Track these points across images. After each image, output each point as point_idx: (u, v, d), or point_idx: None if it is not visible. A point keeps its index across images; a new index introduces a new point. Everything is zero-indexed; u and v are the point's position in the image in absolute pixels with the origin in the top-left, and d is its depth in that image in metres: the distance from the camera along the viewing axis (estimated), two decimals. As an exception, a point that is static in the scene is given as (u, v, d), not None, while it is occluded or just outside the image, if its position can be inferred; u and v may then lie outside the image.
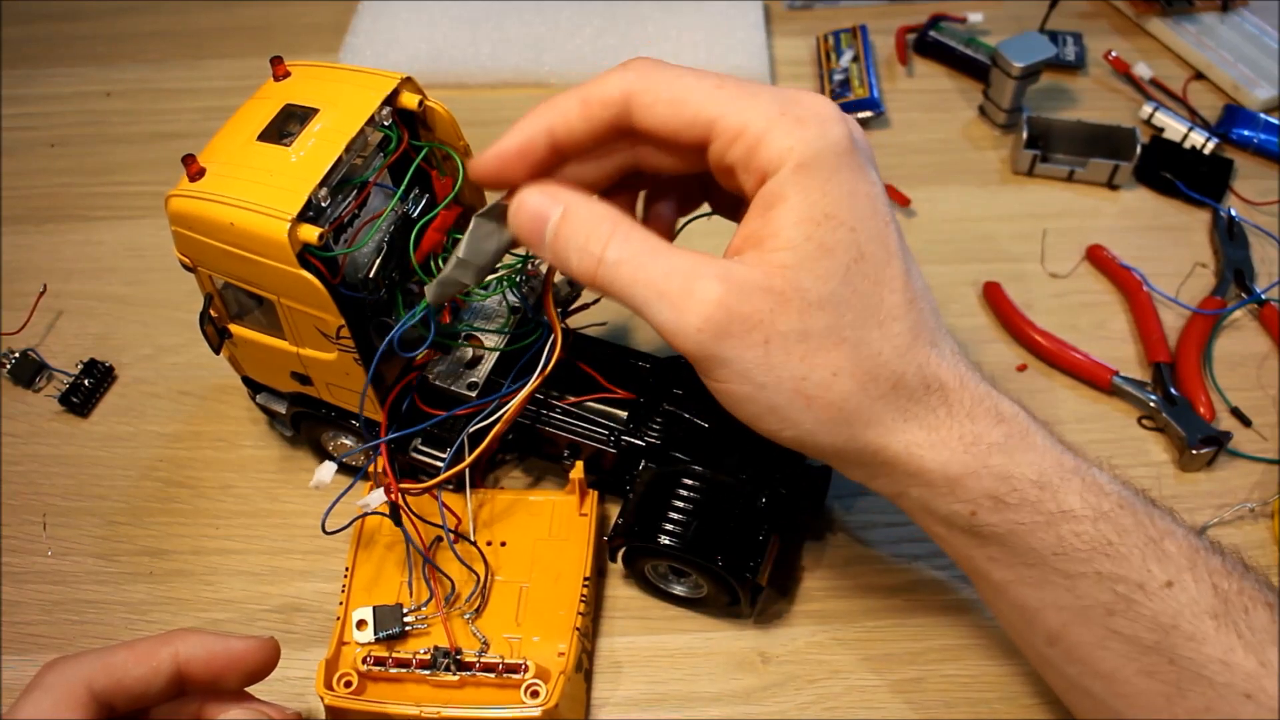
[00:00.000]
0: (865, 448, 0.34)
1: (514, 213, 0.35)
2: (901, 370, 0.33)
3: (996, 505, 0.34)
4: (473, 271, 0.38)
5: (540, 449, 0.47)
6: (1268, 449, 0.49)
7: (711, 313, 0.32)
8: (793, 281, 0.32)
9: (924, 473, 0.34)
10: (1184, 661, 0.32)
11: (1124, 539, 0.33)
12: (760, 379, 0.33)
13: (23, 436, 0.51)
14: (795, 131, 0.32)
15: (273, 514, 0.48)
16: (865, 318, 0.33)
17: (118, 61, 0.71)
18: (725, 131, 0.33)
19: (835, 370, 0.33)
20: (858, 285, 0.33)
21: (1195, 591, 0.32)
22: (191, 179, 0.37)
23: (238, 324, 0.42)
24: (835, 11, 0.73)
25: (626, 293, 0.34)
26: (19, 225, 0.61)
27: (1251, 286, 0.55)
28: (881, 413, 0.33)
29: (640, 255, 0.33)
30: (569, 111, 0.35)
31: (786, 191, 0.32)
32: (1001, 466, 0.33)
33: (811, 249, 0.32)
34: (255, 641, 0.35)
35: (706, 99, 0.33)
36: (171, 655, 0.33)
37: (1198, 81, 0.67)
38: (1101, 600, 0.33)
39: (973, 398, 0.34)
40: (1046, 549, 0.33)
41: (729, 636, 0.44)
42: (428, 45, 0.69)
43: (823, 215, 0.32)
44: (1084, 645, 0.34)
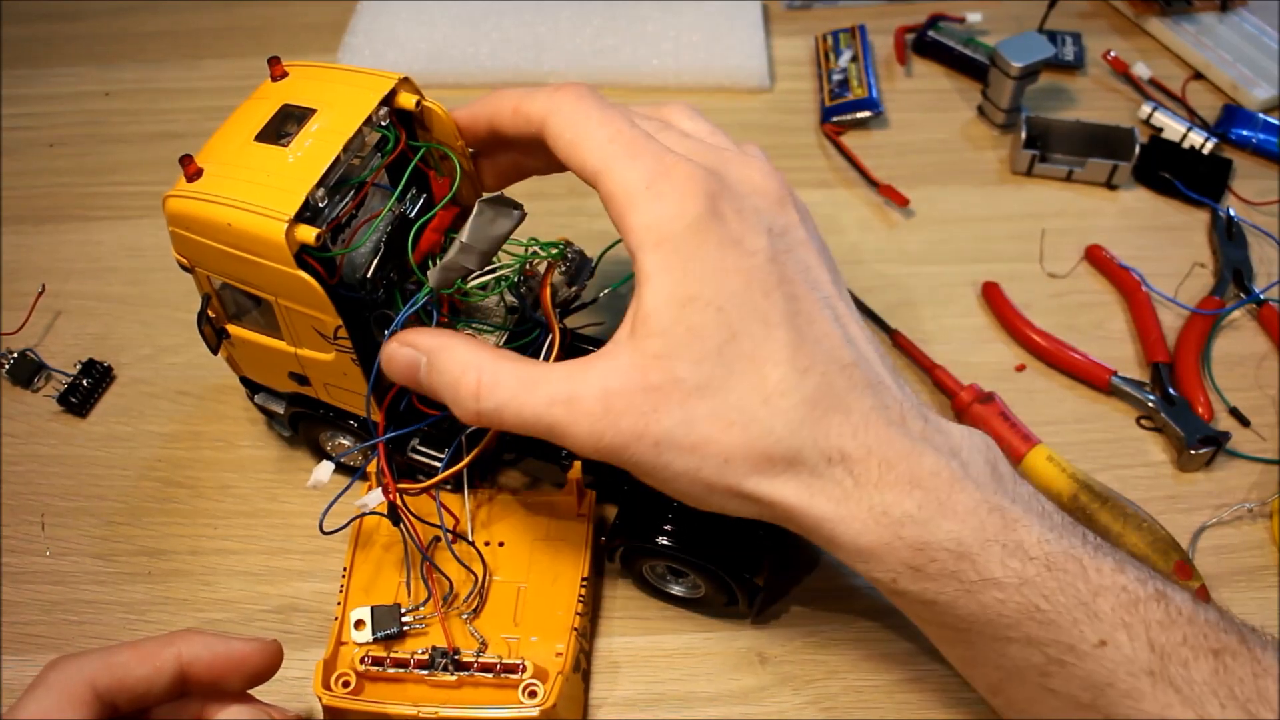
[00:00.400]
0: (777, 516, 0.34)
1: (386, 364, 0.37)
2: (797, 446, 0.33)
3: (915, 576, 0.33)
4: (476, 256, 0.39)
5: (539, 449, 0.46)
6: (1266, 449, 0.49)
7: (600, 432, 0.33)
8: (668, 371, 0.32)
9: (837, 543, 0.33)
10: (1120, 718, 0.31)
11: (1051, 602, 0.32)
12: (661, 476, 0.34)
13: (21, 436, 0.51)
14: (654, 208, 0.33)
15: (271, 514, 0.48)
16: (748, 397, 0.33)
17: (116, 61, 0.71)
18: (602, 190, 0.34)
19: (726, 457, 0.33)
20: (734, 365, 0.33)
21: (1130, 649, 0.31)
22: (189, 179, 0.37)
23: (236, 324, 0.42)
24: (834, 11, 0.73)
25: (520, 430, 0.34)
26: (18, 225, 0.61)
27: (1250, 286, 0.55)
28: (782, 491, 0.33)
29: (513, 399, 0.34)
30: (503, 111, 0.37)
31: (650, 271, 0.33)
32: (916, 538, 0.32)
33: (680, 333, 0.32)
34: (258, 643, 0.35)
35: (596, 150, 0.34)
36: (175, 655, 0.33)
37: (1197, 81, 0.67)
38: (1033, 662, 0.33)
39: (882, 465, 0.33)
40: (972, 616, 0.33)
41: (727, 637, 0.44)
42: (427, 45, 0.69)
43: (687, 297, 0.32)
44: (1022, 700, 0.34)
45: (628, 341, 0.33)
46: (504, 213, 0.39)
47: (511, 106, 0.37)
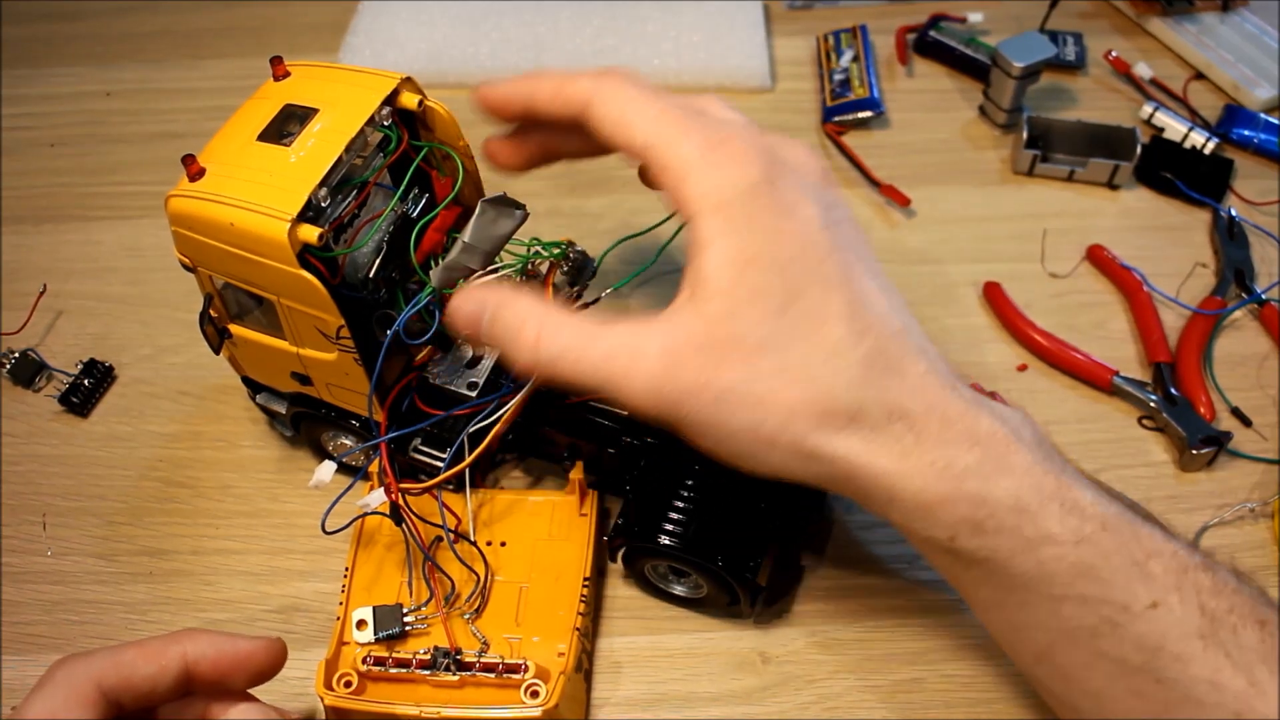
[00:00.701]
0: (838, 477, 0.34)
1: (452, 314, 0.37)
2: (859, 402, 0.33)
3: (974, 531, 0.33)
4: (478, 255, 0.39)
5: (540, 449, 0.46)
6: (1268, 449, 0.49)
7: (659, 386, 0.33)
8: (730, 331, 0.33)
9: (898, 500, 0.34)
10: (1171, 682, 0.32)
11: (1107, 562, 0.32)
12: (718, 434, 0.34)
13: (22, 436, 0.51)
14: (712, 175, 0.33)
15: (273, 514, 0.48)
16: (811, 355, 0.33)
17: (117, 61, 0.71)
18: (655, 162, 0.34)
19: (789, 412, 0.33)
20: (795, 325, 0.33)
21: (1181, 612, 0.32)
22: (191, 179, 0.37)
23: (238, 324, 0.42)
24: (835, 11, 0.73)
25: (574, 383, 0.34)
26: (18, 225, 0.61)
27: (1252, 286, 0.55)
28: (845, 447, 0.33)
29: (571, 348, 0.34)
30: (543, 91, 0.37)
31: (709, 235, 0.33)
32: (976, 492, 0.33)
33: (742, 294, 0.33)
34: (263, 642, 0.35)
35: (647, 125, 0.35)
36: (180, 654, 0.33)
37: (1198, 81, 0.67)
38: (1086, 623, 0.33)
39: (942, 421, 0.33)
40: (1027, 574, 0.33)
41: (729, 637, 0.44)
42: (427, 45, 0.69)
43: (747, 259, 0.33)
44: (1071, 665, 0.34)
45: (688, 304, 0.33)
46: (506, 213, 0.39)
47: (552, 88, 0.37)
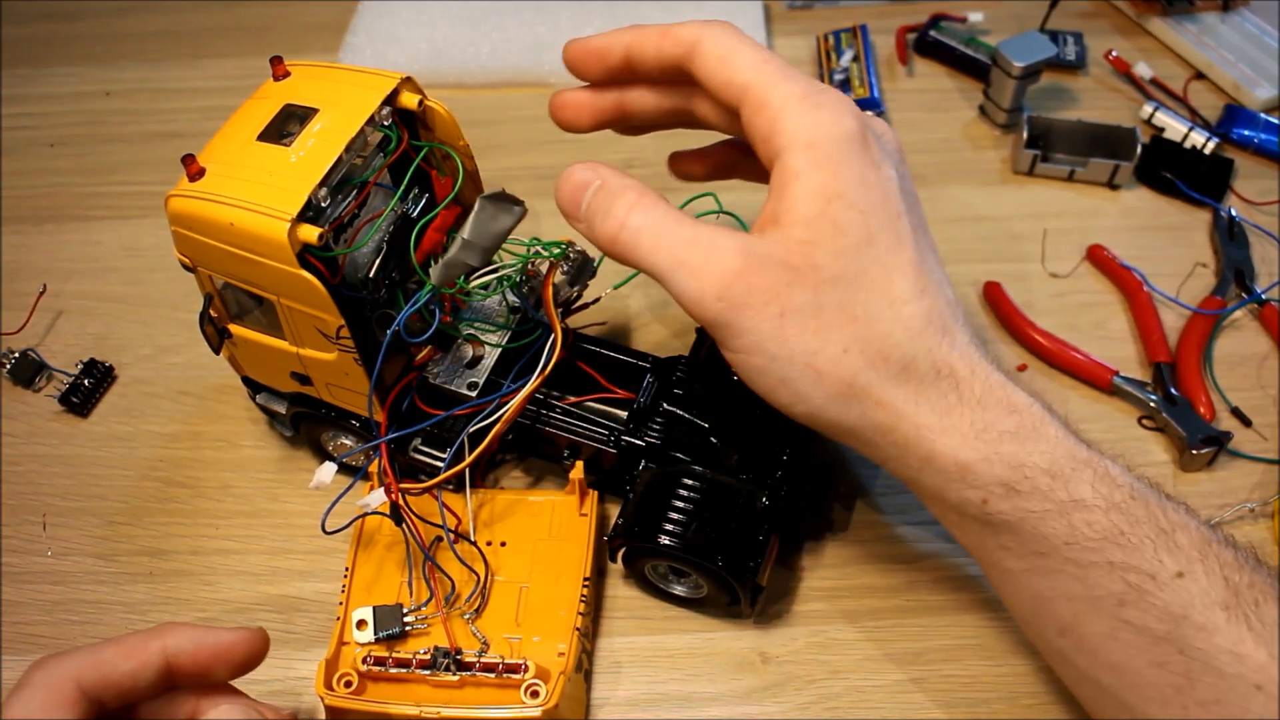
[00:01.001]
0: (876, 427, 0.35)
1: (560, 184, 0.38)
2: (912, 353, 0.34)
3: (1008, 493, 0.34)
4: (478, 253, 0.39)
5: (540, 449, 0.46)
6: (1268, 449, 0.49)
7: (730, 284, 0.34)
8: (808, 256, 0.34)
9: (935, 457, 0.34)
10: (1194, 652, 0.32)
11: (1135, 529, 0.33)
12: (774, 351, 0.34)
13: (22, 436, 0.51)
14: (810, 114, 0.34)
15: (272, 514, 0.48)
16: (876, 298, 0.34)
17: (117, 61, 0.71)
18: (752, 100, 0.35)
19: (845, 347, 0.34)
20: (868, 267, 0.34)
21: (1206, 583, 0.32)
22: (191, 179, 0.37)
23: (237, 324, 0.42)
24: (835, 11, 0.73)
25: (648, 260, 0.35)
26: (18, 225, 0.61)
27: (1252, 286, 0.55)
28: (892, 394, 0.34)
29: (661, 225, 0.35)
30: (648, 36, 0.38)
31: (799, 168, 0.34)
32: (1013, 454, 0.34)
33: (825, 225, 0.34)
34: (243, 632, 0.35)
35: (748, 67, 0.36)
36: (159, 649, 0.33)
37: (1198, 81, 0.67)
38: (1113, 590, 0.33)
39: (984, 387, 0.35)
40: (1058, 538, 0.34)
41: (729, 637, 0.44)
42: (428, 45, 0.69)
43: (833, 194, 0.34)
44: (1095, 636, 0.34)
45: (770, 225, 0.35)
46: (505, 209, 0.39)
47: (658, 32, 0.38)
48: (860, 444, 0.36)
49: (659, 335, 0.54)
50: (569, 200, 0.38)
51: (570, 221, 0.38)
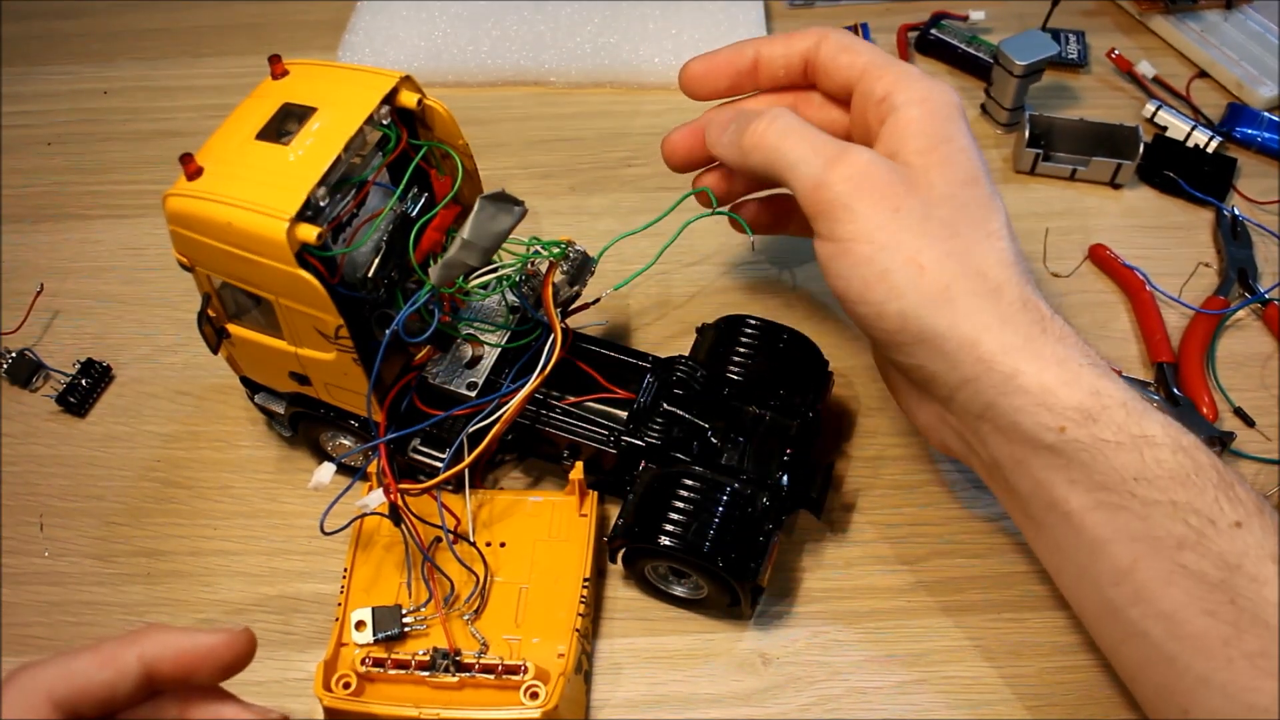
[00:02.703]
0: (962, 340, 0.36)
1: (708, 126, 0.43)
2: (1004, 280, 0.37)
3: (1085, 419, 0.35)
4: (477, 253, 0.38)
5: (540, 449, 0.46)
6: (1271, 449, 0.49)
7: (857, 170, 0.37)
8: (923, 176, 0.38)
9: (1018, 376, 0.36)
10: (1244, 602, 0.33)
11: (1200, 474, 0.34)
12: (882, 239, 0.37)
13: (19, 437, 0.51)
14: (925, 83, 0.40)
15: (271, 514, 0.48)
16: (976, 227, 0.38)
17: (115, 59, 0.71)
18: (872, 73, 0.41)
19: (948, 253, 0.37)
20: (970, 201, 0.38)
21: (1262, 535, 0.33)
22: (189, 178, 0.37)
23: (236, 324, 0.42)
24: (836, 10, 0.73)
25: (782, 151, 0.39)
26: (15, 224, 0.61)
27: (1255, 286, 0.55)
28: (981, 309, 0.36)
29: (803, 125, 0.40)
30: (774, 41, 0.44)
31: (916, 116, 0.39)
32: (1092, 383, 0.35)
33: (937, 158, 0.38)
34: (226, 634, 0.33)
35: (866, 50, 0.42)
36: (137, 656, 0.31)
37: (1201, 80, 0.66)
38: (1174, 531, 0.34)
39: (1062, 329, 0.37)
40: (1128, 471, 0.35)
41: (729, 638, 0.43)
42: (427, 43, 0.68)
43: (945, 138, 0.39)
44: (1151, 582, 0.34)
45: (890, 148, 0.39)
46: (505, 209, 0.39)
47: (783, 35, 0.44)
48: (940, 361, 0.37)
49: (659, 335, 0.53)
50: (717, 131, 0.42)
51: (715, 150, 0.42)
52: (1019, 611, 0.44)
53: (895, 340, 0.38)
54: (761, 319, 0.47)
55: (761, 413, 0.44)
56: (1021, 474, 0.37)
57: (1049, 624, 0.43)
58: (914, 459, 0.49)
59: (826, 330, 0.53)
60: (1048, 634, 0.43)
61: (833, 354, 0.48)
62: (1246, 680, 0.32)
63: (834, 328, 0.53)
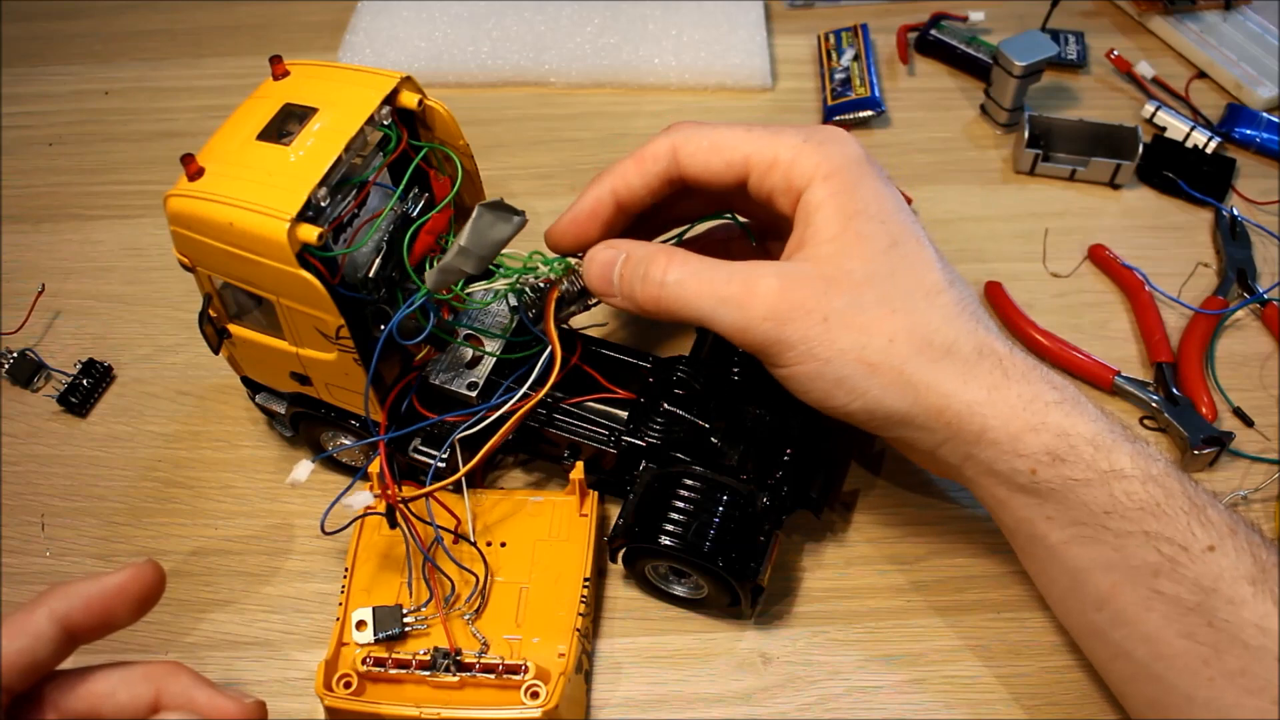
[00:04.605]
0: (929, 410, 0.36)
1: (586, 266, 0.40)
2: (954, 337, 0.36)
3: (1054, 461, 0.35)
4: (474, 260, 0.38)
5: (540, 449, 0.46)
6: (1270, 449, 0.49)
7: (774, 303, 0.36)
8: (839, 266, 0.37)
9: (987, 430, 0.36)
10: (1222, 624, 0.33)
11: (1170, 502, 0.35)
12: (824, 354, 0.36)
13: (21, 436, 0.51)
14: (819, 151, 0.38)
15: (272, 514, 0.48)
16: (910, 292, 0.37)
17: (116, 60, 0.71)
18: (759, 165, 0.39)
19: (891, 337, 0.36)
20: (896, 267, 0.37)
21: (1235, 558, 0.34)
22: (190, 178, 0.37)
23: (237, 324, 0.42)
24: (836, 10, 0.73)
25: (692, 306, 0.38)
26: (17, 224, 0.61)
27: (1254, 286, 0.55)
28: (940, 376, 0.36)
29: (699, 272, 0.38)
30: (626, 170, 0.41)
31: (820, 198, 0.37)
32: (1059, 424, 0.36)
33: (850, 238, 0.37)
34: (130, 569, 0.34)
35: (739, 141, 0.39)
36: (47, 616, 0.32)
37: (1200, 80, 0.67)
38: (1148, 560, 0.34)
39: (1025, 365, 0.37)
40: (1099, 506, 0.35)
41: (729, 637, 0.43)
42: (427, 44, 0.69)
43: (854, 211, 0.37)
44: (1130, 607, 0.35)
45: (798, 252, 0.38)
46: (504, 218, 0.39)
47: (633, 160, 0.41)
48: (916, 431, 0.37)
49: (659, 335, 0.54)
50: (599, 279, 0.40)
51: (606, 300, 0.40)
52: (1018, 611, 0.44)
53: (871, 426, 0.38)
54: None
55: (762, 413, 0.44)
56: (1004, 511, 0.38)
57: (1049, 624, 0.43)
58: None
59: (826, 330, 0.53)
60: (1047, 634, 0.43)
61: (832, 354, 0.48)
62: (1229, 698, 0.33)
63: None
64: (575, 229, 0.41)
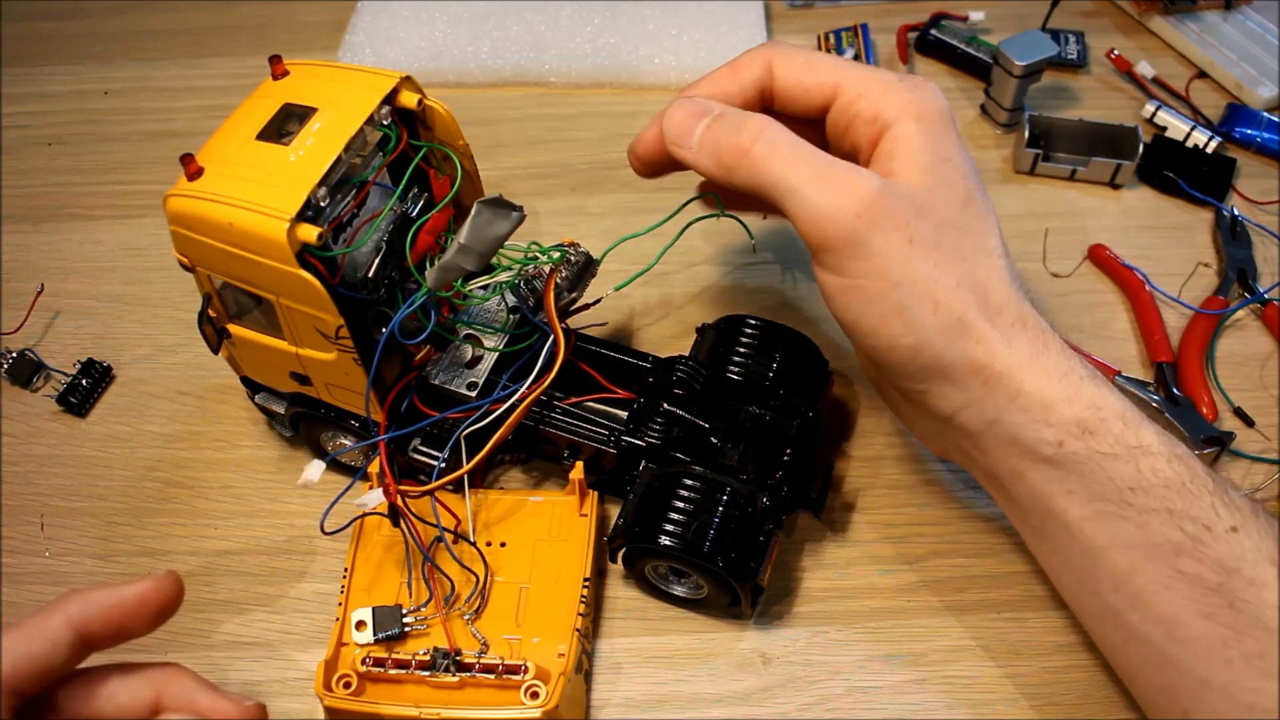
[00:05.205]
0: (972, 363, 0.36)
1: (670, 113, 0.39)
2: (1005, 300, 0.37)
3: (1083, 433, 0.36)
4: (474, 257, 0.38)
5: (540, 449, 0.46)
6: (1270, 449, 0.49)
7: (870, 202, 0.35)
8: (928, 199, 0.37)
9: (1022, 395, 0.36)
10: (1243, 605, 0.33)
11: (1195, 482, 0.35)
12: (898, 276, 0.36)
13: (20, 436, 0.51)
14: (913, 92, 0.38)
15: (272, 514, 0.48)
16: (977, 248, 0.37)
17: (116, 60, 0.71)
18: (849, 89, 0.39)
19: (959, 281, 0.36)
20: (970, 221, 0.38)
21: (1258, 539, 0.34)
22: (190, 178, 0.37)
23: (236, 324, 0.42)
24: (836, 10, 0.73)
25: (781, 175, 0.36)
26: (16, 224, 0.61)
27: (1254, 286, 0.55)
28: (990, 332, 0.36)
29: (797, 144, 0.37)
30: (721, 78, 0.41)
31: (912, 133, 0.38)
32: (1092, 396, 0.36)
33: (938, 179, 0.37)
34: (150, 581, 0.33)
35: (834, 65, 0.40)
36: (63, 622, 0.32)
37: (1200, 80, 0.67)
38: (1170, 539, 0.34)
39: (1061, 341, 0.38)
40: (1124, 481, 0.35)
41: (729, 637, 0.43)
42: (427, 44, 0.69)
43: (943, 156, 0.38)
44: (1150, 586, 0.35)
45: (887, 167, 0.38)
46: (502, 214, 0.39)
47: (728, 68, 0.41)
48: (948, 385, 0.37)
49: (659, 335, 0.54)
50: (680, 125, 0.39)
51: (675, 149, 0.39)
52: (1019, 611, 0.44)
53: (905, 370, 0.37)
54: (761, 319, 0.47)
55: (762, 413, 0.44)
56: (1020, 485, 0.38)
57: (1049, 624, 0.43)
58: (914, 459, 0.49)
59: (826, 330, 0.53)
60: (1048, 634, 0.43)
61: (833, 354, 0.48)
62: (1246, 681, 0.33)
63: (834, 328, 0.53)
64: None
